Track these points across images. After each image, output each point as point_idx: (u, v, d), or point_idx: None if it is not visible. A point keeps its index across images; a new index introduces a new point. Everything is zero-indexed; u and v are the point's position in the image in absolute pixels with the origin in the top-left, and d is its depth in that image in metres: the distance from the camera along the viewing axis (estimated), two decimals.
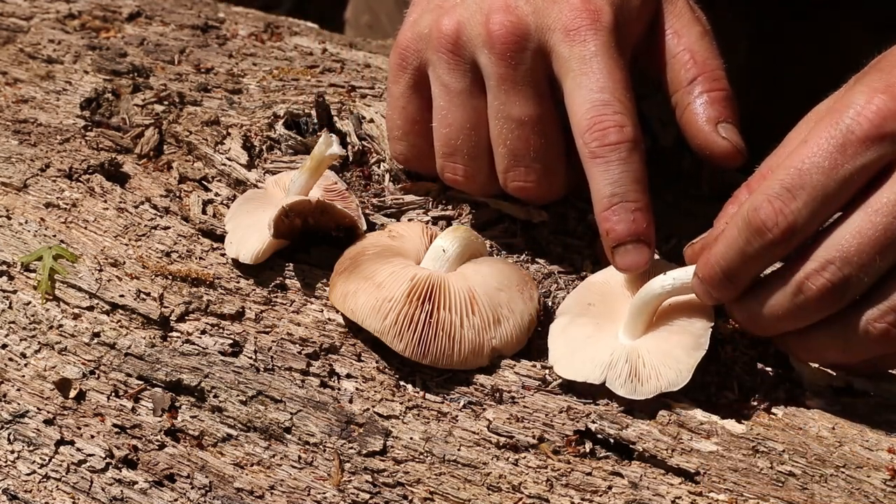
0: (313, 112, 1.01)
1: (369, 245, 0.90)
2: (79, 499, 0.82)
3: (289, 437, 0.83)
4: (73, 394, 0.85)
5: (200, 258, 0.91)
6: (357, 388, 0.85)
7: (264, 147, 1.00)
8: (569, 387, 0.84)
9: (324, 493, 0.81)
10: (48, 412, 0.85)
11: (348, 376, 0.85)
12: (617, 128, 0.85)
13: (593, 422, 0.82)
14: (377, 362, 0.86)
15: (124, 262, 0.91)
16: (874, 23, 1.22)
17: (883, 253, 0.76)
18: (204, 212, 0.95)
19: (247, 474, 0.82)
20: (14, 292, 0.90)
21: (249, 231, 0.91)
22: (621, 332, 0.85)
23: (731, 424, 0.82)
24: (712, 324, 0.84)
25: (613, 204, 0.85)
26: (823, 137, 0.77)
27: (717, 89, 0.90)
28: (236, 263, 0.91)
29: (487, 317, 0.86)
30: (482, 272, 0.88)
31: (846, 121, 0.76)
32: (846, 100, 0.77)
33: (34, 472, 0.83)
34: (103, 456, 0.83)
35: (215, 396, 0.85)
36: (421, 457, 0.82)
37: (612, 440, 0.81)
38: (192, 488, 0.82)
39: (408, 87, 0.93)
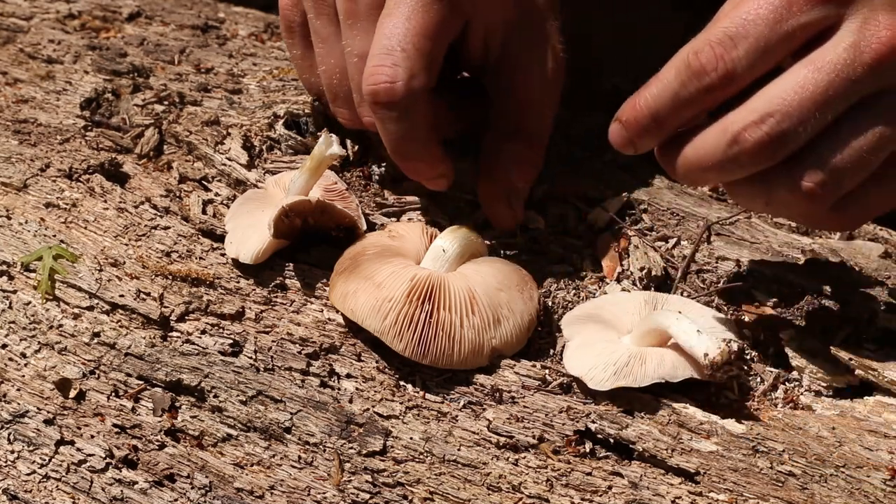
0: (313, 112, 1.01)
1: (369, 245, 0.90)
2: (79, 499, 0.82)
3: (289, 437, 0.83)
4: (73, 394, 0.85)
5: (200, 258, 0.91)
6: (357, 388, 0.85)
7: (264, 147, 1.00)
8: (569, 386, 0.84)
9: (324, 493, 0.81)
10: (48, 412, 0.85)
11: (348, 376, 0.85)
12: (387, 84, 0.84)
13: (593, 422, 0.82)
14: (377, 362, 0.86)
15: (124, 262, 0.91)
16: None
17: (822, 110, 0.76)
18: (204, 212, 0.95)
19: (247, 474, 0.82)
20: (14, 292, 0.90)
21: (249, 231, 0.91)
22: (628, 339, 0.86)
23: (731, 424, 0.82)
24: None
25: (398, 158, 0.88)
26: None
27: (526, 160, 0.92)
28: (236, 263, 0.91)
29: (487, 317, 0.86)
30: (482, 272, 0.88)
31: None
32: None
33: (34, 472, 0.83)
34: (103, 456, 0.83)
35: (215, 396, 0.85)
36: (421, 457, 0.82)
37: (612, 440, 0.81)
38: (192, 488, 0.82)
39: (303, 47, 0.94)
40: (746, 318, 0.89)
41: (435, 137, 0.88)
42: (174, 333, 0.87)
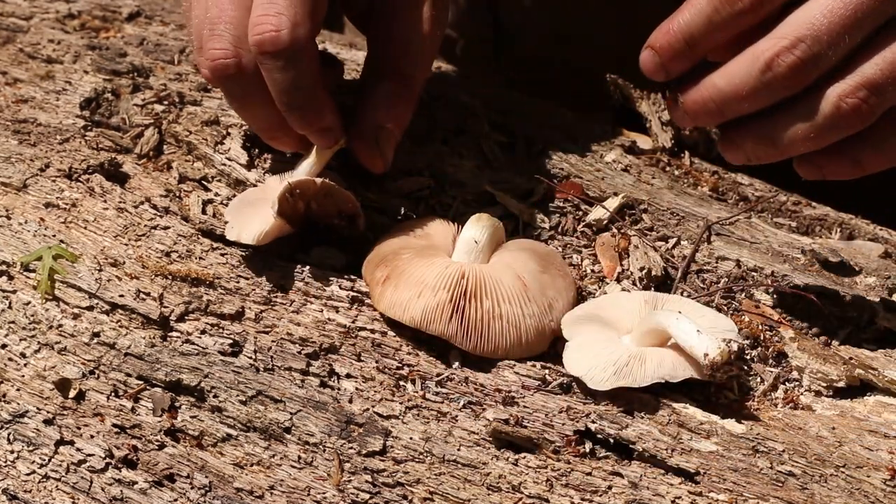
0: None
1: (400, 248, 0.89)
2: (79, 499, 0.82)
3: (289, 437, 0.83)
4: (72, 394, 0.85)
5: (200, 258, 0.91)
6: (357, 388, 0.85)
7: (264, 147, 1.00)
8: (568, 386, 0.84)
9: (324, 493, 0.81)
10: (48, 412, 0.85)
11: (348, 376, 0.85)
12: (272, 34, 0.85)
13: (593, 422, 0.82)
14: (377, 362, 0.86)
15: (124, 262, 0.91)
16: None
17: (851, 31, 0.77)
18: (204, 212, 0.95)
19: (247, 474, 0.82)
20: (14, 292, 0.90)
21: (252, 215, 0.90)
22: (628, 339, 0.86)
23: (731, 424, 0.82)
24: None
25: (286, 109, 0.88)
26: None
27: (399, 99, 0.92)
28: (238, 263, 0.91)
29: (543, 302, 0.87)
30: (520, 258, 0.89)
31: None
32: None
33: (34, 472, 0.83)
34: (103, 456, 0.83)
35: (215, 396, 0.85)
36: (421, 457, 0.82)
37: (611, 440, 0.81)
38: (192, 488, 0.82)
39: None
40: (746, 318, 0.89)
41: (322, 84, 0.88)
42: (174, 333, 0.87)
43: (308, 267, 0.91)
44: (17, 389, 0.86)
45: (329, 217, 0.91)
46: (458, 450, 0.82)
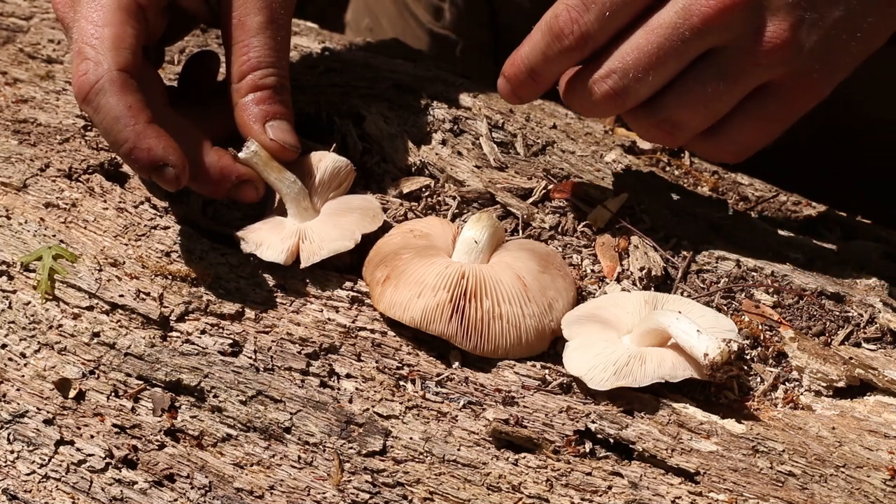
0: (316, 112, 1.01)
1: (400, 248, 0.90)
2: (78, 499, 0.82)
3: (288, 437, 0.83)
4: (72, 394, 0.85)
5: (200, 258, 0.91)
6: (357, 388, 0.85)
7: None
8: (569, 386, 0.84)
9: (323, 493, 0.81)
10: (48, 412, 0.85)
11: (348, 376, 0.85)
12: (79, 81, 0.85)
13: (593, 422, 0.82)
14: (377, 362, 0.86)
15: (124, 262, 0.91)
16: None
17: (656, 67, 0.87)
18: (204, 212, 0.95)
19: (246, 474, 0.82)
20: (14, 292, 0.90)
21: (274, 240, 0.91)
22: (628, 339, 0.86)
23: (731, 424, 0.82)
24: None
25: (114, 150, 0.87)
26: None
27: (265, 87, 0.92)
28: (238, 263, 0.91)
29: (543, 302, 0.87)
30: (520, 258, 0.89)
31: None
32: None
33: (34, 472, 0.83)
34: (103, 456, 0.83)
35: (215, 396, 0.85)
36: (421, 457, 0.82)
37: (611, 440, 0.81)
38: (192, 488, 0.82)
39: None
40: (746, 318, 0.89)
41: (147, 118, 0.86)
42: (174, 333, 0.87)
43: (309, 267, 0.91)
44: (17, 389, 0.86)
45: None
46: (458, 450, 0.82)
